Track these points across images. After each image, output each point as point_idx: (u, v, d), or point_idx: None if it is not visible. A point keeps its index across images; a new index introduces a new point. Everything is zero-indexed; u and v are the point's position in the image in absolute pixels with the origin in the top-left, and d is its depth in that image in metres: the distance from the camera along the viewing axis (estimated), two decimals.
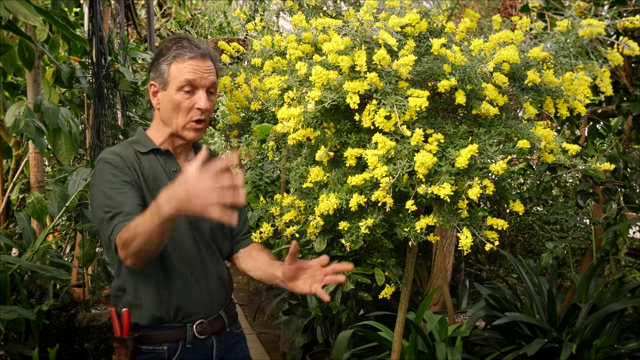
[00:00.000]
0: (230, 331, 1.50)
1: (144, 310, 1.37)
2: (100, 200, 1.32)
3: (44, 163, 2.87)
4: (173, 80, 1.39)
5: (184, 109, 1.39)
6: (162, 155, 1.45)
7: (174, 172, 1.43)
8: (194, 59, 1.39)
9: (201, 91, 1.40)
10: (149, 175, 1.39)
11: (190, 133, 1.42)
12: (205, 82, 1.40)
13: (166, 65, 1.41)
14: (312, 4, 1.63)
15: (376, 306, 3.02)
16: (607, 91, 1.32)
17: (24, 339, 2.23)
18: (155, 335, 1.38)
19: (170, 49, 1.41)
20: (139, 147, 1.43)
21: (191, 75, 1.38)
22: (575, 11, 1.53)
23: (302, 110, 1.29)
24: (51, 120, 2.30)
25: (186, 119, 1.40)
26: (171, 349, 1.38)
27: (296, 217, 1.52)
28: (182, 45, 1.41)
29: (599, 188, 2.24)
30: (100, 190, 1.33)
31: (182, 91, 1.39)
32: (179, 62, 1.39)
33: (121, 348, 1.35)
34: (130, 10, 4.22)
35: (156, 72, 1.43)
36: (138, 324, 1.38)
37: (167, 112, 1.42)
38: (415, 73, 1.36)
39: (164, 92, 1.41)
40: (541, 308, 2.38)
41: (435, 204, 1.39)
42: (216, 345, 1.45)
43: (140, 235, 1.16)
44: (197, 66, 1.39)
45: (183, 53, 1.40)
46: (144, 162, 1.41)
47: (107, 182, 1.33)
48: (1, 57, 2.38)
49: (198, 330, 1.41)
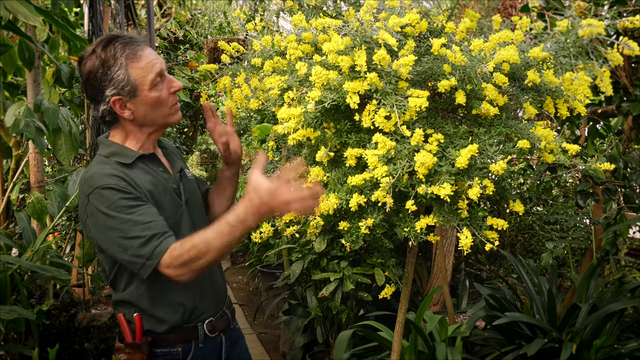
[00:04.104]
0: (233, 327, 1.52)
1: (158, 320, 1.35)
2: (119, 227, 1.24)
3: (44, 163, 2.87)
4: (142, 82, 1.31)
5: (164, 100, 1.35)
6: (147, 160, 1.39)
7: (162, 172, 1.40)
8: (144, 49, 1.33)
9: (166, 74, 1.36)
10: (148, 186, 1.34)
11: (175, 115, 1.40)
12: (164, 65, 1.36)
13: (123, 72, 1.30)
14: (312, 4, 1.63)
15: (376, 306, 3.02)
16: (607, 91, 1.32)
17: (24, 339, 2.23)
18: (169, 338, 1.36)
19: (116, 55, 1.30)
20: (122, 159, 1.34)
21: (157, 67, 1.33)
22: (575, 11, 1.53)
23: (302, 110, 1.28)
24: (51, 120, 2.30)
25: (169, 107, 1.37)
26: (185, 350, 1.37)
27: (296, 217, 1.53)
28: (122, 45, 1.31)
29: (599, 188, 2.24)
30: (113, 218, 1.24)
31: (156, 85, 1.33)
32: (137, 62, 1.31)
33: (135, 353, 1.33)
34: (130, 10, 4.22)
35: (115, 85, 1.30)
36: (151, 330, 1.36)
37: (148, 114, 1.35)
38: (415, 73, 1.36)
39: (136, 98, 1.32)
40: (541, 308, 2.38)
41: (435, 204, 1.39)
42: (224, 342, 1.46)
43: (215, 250, 1.20)
44: (151, 54, 1.34)
45: (132, 50, 1.31)
46: (135, 175, 1.32)
47: (118, 207, 1.25)
48: (1, 57, 2.38)
49: (208, 329, 1.41)
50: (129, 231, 1.23)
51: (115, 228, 1.24)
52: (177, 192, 1.41)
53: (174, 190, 1.40)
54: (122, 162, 1.33)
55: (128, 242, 1.23)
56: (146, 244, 1.22)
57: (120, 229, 1.24)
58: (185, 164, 1.55)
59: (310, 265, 3.03)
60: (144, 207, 1.27)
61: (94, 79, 1.31)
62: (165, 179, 1.40)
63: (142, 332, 1.35)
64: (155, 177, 1.37)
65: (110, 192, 1.25)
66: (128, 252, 1.24)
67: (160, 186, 1.37)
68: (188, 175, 1.49)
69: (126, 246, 1.24)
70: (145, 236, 1.22)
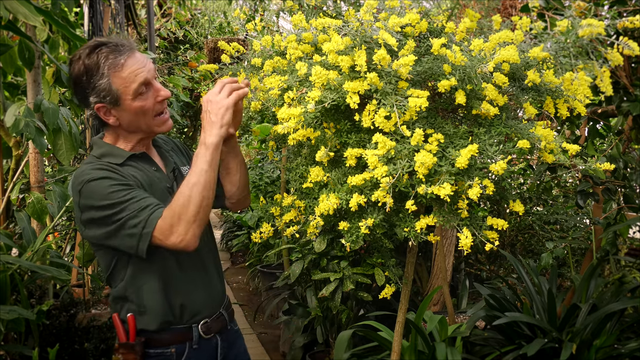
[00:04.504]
0: (230, 329, 1.51)
1: (151, 316, 1.35)
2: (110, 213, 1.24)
3: (44, 163, 2.87)
4: (125, 91, 1.30)
5: (149, 109, 1.34)
6: (138, 159, 1.39)
7: (155, 171, 1.41)
8: (129, 58, 1.30)
9: (154, 82, 1.34)
10: (135, 178, 1.33)
11: (163, 125, 1.39)
12: (152, 72, 1.34)
13: (106, 81, 1.29)
14: (312, 4, 1.63)
15: (376, 306, 3.02)
16: (607, 91, 1.32)
17: (24, 339, 2.23)
18: (163, 338, 1.36)
19: (99, 63, 1.28)
20: (113, 159, 1.35)
21: (141, 76, 1.30)
22: (575, 11, 1.53)
23: (302, 110, 1.28)
24: (51, 120, 2.30)
25: (154, 116, 1.36)
26: (179, 351, 1.37)
27: (296, 217, 1.52)
28: (106, 53, 1.29)
29: (599, 188, 2.24)
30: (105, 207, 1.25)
31: (139, 95, 1.32)
32: (119, 71, 1.29)
33: (129, 354, 1.33)
34: (130, 10, 4.22)
35: (97, 94, 1.30)
36: (145, 329, 1.36)
37: (133, 122, 1.35)
38: (415, 73, 1.36)
39: (119, 107, 1.32)
40: (541, 308, 2.38)
41: (435, 204, 1.39)
42: (220, 344, 1.46)
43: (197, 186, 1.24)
44: (136, 63, 1.31)
45: (116, 60, 1.29)
46: (124, 171, 1.33)
47: (109, 194, 1.25)
48: (1, 57, 2.38)
49: (203, 330, 1.40)
50: (123, 210, 1.24)
51: (109, 211, 1.25)
52: (170, 190, 1.40)
53: (167, 189, 1.40)
54: (113, 162, 1.34)
55: (123, 219, 1.24)
56: (139, 214, 1.24)
57: (114, 210, 1.25)
58: (186, 160, 1.55)
59: (310, 265, 3.03)
60: (135, 191, 1.28)
61: (79, 84, 1.32)
62: (158, 177, 1.40)
63: (135, 333, 1.35)
64: (147, 175, 1.38)
65: (101, 181, 1.27)
66: (123, 228, 1.24)
67: (152, 184, 1.37)
68: (184, 173, 1.47)
69: (121, 223, 1.24)
70: (139, 207, 1.24)
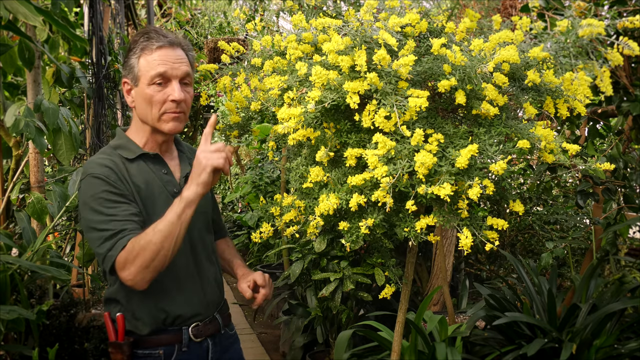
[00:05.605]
0: (224, 333, 1.49)
1: (141, 322, 1.35)
2: (93, 218, 1.27)
3: (44, 163, 2.87)
4: (144, 74, 1.34)
5: (156, 102, 1.34)
6: (149, 160, 1.40)
7: (165, 174, 1.41)
8: (162, 48, 1.33)
9: (174, 82, 1.35)
10: (139, 183, 1.35)
11: (167, 125, 1.37)
12: (177, 72, 1.35)
13: (135, 60, 1.35)
14: (312, 4, 1.63)
15: (376, 306, 3.02)
16: (607, 91, 1.32)
17: (24, 339, 2.23)
18: (151, 340, 1.36)
19: (138, 42, 1.35)
20: (125, 153, 1.37)
21: (162, 67, 1.33)
22: (575, 11, 1.53)
23: (302, 110, 1.28)
24: (51, 120, 2.30)
25: (160, 112, 1.35)
26: (167, 353, 1.36)
27: (296, 217, 1.52)
28: (149, 36, 1.35)
29: (599, 188, 2.24)
30: (91, 209, 1.28)
31: (154, 84, 1.33)
32: (147, 55, 1.34)
33: (117, 353, 1.33)
34: (130, 10, 4.22)
35: (127, 68, 1.37)
36: (134, 332, 1.36)
37: (142, 109, 1.37)
38: (415, 73, 1.36)
39: (137, 88, 1.36)
40: (541, 308, 2.38)
41: (435, 204, 1.39)
42: (211, 347, 1.44)
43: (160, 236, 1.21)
44: (166, 56, 1.34)
45: (150, 44, 1.34)
46: (132, 170, 1.35)
47: (99, 199, 1.28)
48: (1, 57, 2.38)
49: (194, 333, 1.39)
50: (102, 222, 1.26)
51: (88, 215, 1.28)
52: (177, 196, 1.40)
53: (174, 194, 1.39)
54: (125, 156, 1.37)
55: (98, 230, 1.26)
56: (112, 236, 1.25)
57: (95, 217, 1.27)
58: None
59: (310, 265, 3.03)
60: (122, 207, 1.29)
61: (124, 58, 1.41)
62: (166, 181, 1.40)
63: (124, 333, 1.35)
64: (154, 177, 1.38)
65: (98, 181, 1.29)
66: (96, 239, 1.27)
67: (156, 186, 1.37)
68: None
69: (96, 235, 1.27)
70: (114, 230, 1.25)
